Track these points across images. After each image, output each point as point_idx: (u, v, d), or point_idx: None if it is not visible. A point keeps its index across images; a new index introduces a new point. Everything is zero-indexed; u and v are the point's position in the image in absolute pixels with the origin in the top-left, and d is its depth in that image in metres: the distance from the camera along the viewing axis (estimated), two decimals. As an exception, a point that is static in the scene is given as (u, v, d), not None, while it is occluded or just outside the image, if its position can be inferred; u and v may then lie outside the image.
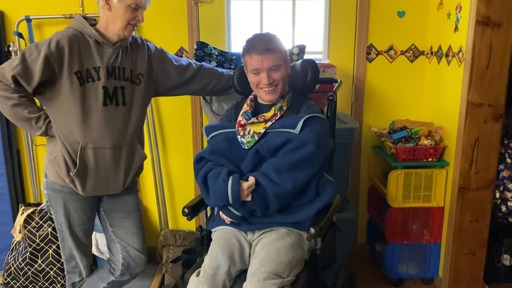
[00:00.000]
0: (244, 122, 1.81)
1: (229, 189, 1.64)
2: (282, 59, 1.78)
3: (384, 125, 2.80)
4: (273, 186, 1.65)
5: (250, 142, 1.77)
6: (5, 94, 1.74)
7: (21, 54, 1.72)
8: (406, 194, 2.52)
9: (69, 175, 1.82)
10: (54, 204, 1.93)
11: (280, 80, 1.78)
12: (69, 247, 2.01)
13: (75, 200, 1.91)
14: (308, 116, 1.73)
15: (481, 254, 2.47)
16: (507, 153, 2.43)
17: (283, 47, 1.80)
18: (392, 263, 2.61)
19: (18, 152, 2.91)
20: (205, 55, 2.41)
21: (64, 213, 1.93)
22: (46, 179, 1.92)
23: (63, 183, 1.86)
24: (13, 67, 1.69)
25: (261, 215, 1.70)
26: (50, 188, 1.90)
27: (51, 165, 1.85)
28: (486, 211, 2.41)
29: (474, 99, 2.25)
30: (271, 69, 1.75)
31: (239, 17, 2.84)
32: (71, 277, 2.10)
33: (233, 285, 1.66)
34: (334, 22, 2.75)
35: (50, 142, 1.88)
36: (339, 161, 2.09)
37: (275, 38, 1.78)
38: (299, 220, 1.71)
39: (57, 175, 1.85)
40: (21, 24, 2.69)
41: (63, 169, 1.81)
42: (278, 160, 1.68)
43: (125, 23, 1.79)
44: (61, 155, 1.82)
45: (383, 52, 2.78)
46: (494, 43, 2.19)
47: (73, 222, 1.95)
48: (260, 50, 1.73)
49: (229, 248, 1.70)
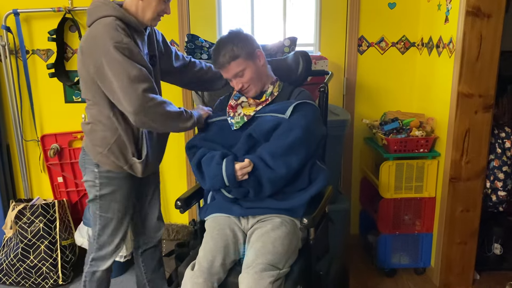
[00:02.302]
0: (234, 103, 1.85)
1: (224, 171, 1.66)
2: (243, 61, 1.77)
3: (376, 117, 2.81)
4: (268, 170, 1.67)
5: (238, 123, 1.81)
6: (157, 100, 1.68)
7: (123, 61, 1.62)
8: (398, 185, 2.54)
9: (127, 162, 1.81)
10: (109, 192, 1.88)
11: (249, 81, 1.80)
12: (116, 234, 1.95)
13: (127, 184, 1.90)
14: (299, 102, 1.76)
15: (472, 244, 2.49)
16: (497, 143, 2.45)
17: (242, 47, 1.77)
18: (385, 253, 2.63)
19: (8, 147, 2.89)
20: (196, 48, 2.40)
21: (119, 199, 1.90)
22: (98, 169, 1.84)
23: (120, 170, 1.84)
24: (138, 74, 1.64)
25: (253, 198, 1.71)
26: (105, 176, 1.85)
27: (105, 157, 1.80)
28: (477, 201, 2.43)
29: (465, 89, 2.27)
30: (237, 76, 1.79)
31: (229, 9, 2.82)
32: (99, 264, 1.99)
33: (228, 276, 1.67)
34: (325, 14, 2.75)
35: (95, 136, 1.81)
36: (331, 153, 2.10)
37: (229, 44, 1.77)
38: (292, 207, 1.72)
39: (113, 164, 1.82)
40: (9, 18, 2.66)
41: (120, 157, 1.80)
42: (273, 145, 1.70)
43: (155, 14, 1.78)
44: (117, 145, 1.79)
45: (374, 44, 2.78)
46: (484, 34, 2.20)
47: (127, 206, 1.93)
48: (219, 66, 1.80)
49: (222, 239, 1.70)
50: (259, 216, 1.75)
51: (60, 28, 2.68)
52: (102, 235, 1.94)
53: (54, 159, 2.81)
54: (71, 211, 2.83)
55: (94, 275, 1.99)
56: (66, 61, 2.78)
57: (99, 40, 1.64)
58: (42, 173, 2.92)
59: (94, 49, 1.65)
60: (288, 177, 1.70)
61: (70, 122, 2.85)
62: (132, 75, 1.62)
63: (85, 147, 1.87)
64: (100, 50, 1.63)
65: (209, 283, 1.60)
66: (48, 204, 2.64)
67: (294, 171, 1.70)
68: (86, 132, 1.85)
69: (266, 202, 1.73)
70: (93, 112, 1.80)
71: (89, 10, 1.73)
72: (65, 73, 2.78)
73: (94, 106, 1.79)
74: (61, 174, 2.84)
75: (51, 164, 2.83)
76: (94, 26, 1.68)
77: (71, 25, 2.72)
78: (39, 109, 2.85)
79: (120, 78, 1.62)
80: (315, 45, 2.83)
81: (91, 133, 1.82)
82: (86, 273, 1.99)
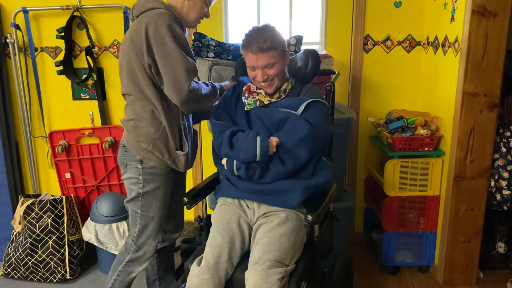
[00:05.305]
0: (253, 89, 1.89)
1: (259, 145, 1.70)
2: (278, 56, 1.79)
3: (381, 115, 2.82)
4: (280, 164, 1.74)
5: (250, 105, 1.86)
6: (197, 89, 1.76)
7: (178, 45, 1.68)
8: (402, 183, 2.55)
9: (171, 157, 1.84)
10: (152, 189, 1.88)
11: (275, 75, 1.82)
12: (156, 236, 1.95)
13: (169, 181, 1.92)
14: (311, 101, 1.80)
15: (476, 242, 2.50)
16: (502, 142, 2.45)
17: (279, 42, 1.80)
18: (389, 251, 2.65)
19: (17, 144, 2.92)
20: (203, 46, 2.41)
21: (161, 197, 1.91)
22: (141, 166, 1.85)
23: (163, 165, 1.86)
24: (187, 59, 1.71)
25: (256, 180, 1.76)
26: (149, 173, 1.86)
27: (149, 153, 1.81)
28: (481, 200, 2.44)
29: (470, 88, 2.27)
30: (266, 67, 1.79)
31: (236, 8, 2.84)
32: (136, 265, 1.97)
33: (234, 272, 1.69)
34: (331, 13, 2.76)
35: (139, 132, 1.82)
36: (336, 151, 2.11)
37: (271, 34, 1.79)
38: (288, 189, 1.75)
39: (158, 160, 1.84)
40: (18, 16, 2.69)
41: (165, 152, 1.82)
42: (282, 137, 1.75)
43: (199, 16, 1.83)
44: (161, 140, 1.81)
45: (379, 42, 2.79)
46: (490, 33, 2.21)
47: (166, 204, 1.95)
48: (254, 50, 1.77)
49: (229, 233, 1.72)
50: (265, 208, 1.78)
51: (68, 26, 2.71)
52: (141, 236, 1.92)
53: (62, 156, 2.84)
54: (79, 207, 2.86)
55: (128, 276, 1.97)
56: (74, 58, 2.81)
57: (151, 26, 1.66)
58: (50, 169, 2.95)
59: (149, 34, 1.67)
60: (293, 171, 1.75)
61: (78, 119, 2.88)
62: (184, 67, 1.68)
63: (127, 144, 1.86)
64: (155, 36, 1.66)
65: (216, 279, 1.62)
66: (56, 200, 2.67)
67: (299, 166, 1.75)
68: (128, 129, 1.86)
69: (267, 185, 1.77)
70: (136, 108, 1.81)
71: (138, 2, 1.78)
72: (73, 71, 2.81)
73: (137, 102, 1.80)
74: (69, 170, 2.87)
75: (59, 161, 2.86)
76: (146, 15, 1.71)
77: (79, 23, 2.74)
78: (47, 106, 2.88)
79: (172, 68, 1.68)
80: (321, 43, 2.84)
81: (134, 129, 1.83)
82: (119, 272, 1.96)
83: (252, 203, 1.82)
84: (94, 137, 2.86)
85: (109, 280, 1.98)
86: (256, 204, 1.80)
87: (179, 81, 1.68)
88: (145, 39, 1.67)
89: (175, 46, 1.67)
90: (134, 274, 1.98)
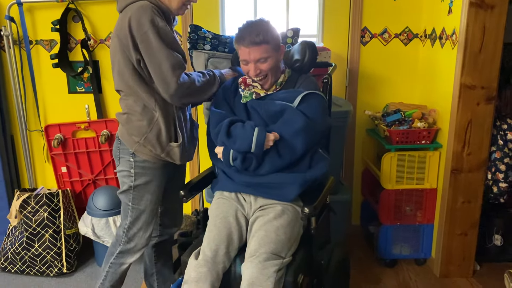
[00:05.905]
0: (249, 82, 1.87)
1: (255, 136, 1.69)
2: (271, 50, 1.77)
3: (378, 108, 2.82)
4: (276, 156, 1.73)
5: (247, 98, 1.85)
6: (189, 81, 1.75)
7: (161, 41, 1.67)
8: (399, 176, 2.55)
9: (164, 149, 1.82)
10: (143, 182, 1.88)
11: (268, 71, 1.80)
12: (147, 228, 1.94)
13: (161, 176, 1.91)
14: (307, 93, 1.78)
15: (473, 235, 2.51)
16: (499, 134, 2.46)
17: (273, 36, 1.78)
18: (386, 244, 2.65)
19: (12, 138, 2.90)
20: (199, 38, 2.39)
21: (153, 190, 1.90)
22: (133, 159, 1.85)
23: (156, 160, 1.85)
24: (174, 62, 1.70)
25: (252, 171, 1.76)
26: (141, 166, 1.85)
27: (142, 146, 1.81)
28: (478, 192, 2.44)
29: (467, 81, 2.27)
30: (259, 61, 1.77)
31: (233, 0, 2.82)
32: (126, 257, 1.97)
33: (231, 265, 1.69)
34: (328, 5, 2.74)
35: (131, 126, 1.82)
36: (334, 144, 2.10)
37: (265, 28, 1.76)
38: (284, 182, 1.75)
39: (150, 153, 1.83)
40: (12, 8, 2.66)
41: (157, 145, 1.81)
42: (278, 129, 1.74)
43: (180, 4, 1.79)
44: (153, 133, 1.80)
45: (377, 35, 2.78)
46: (487, 26, 2.20)
47: (159, 198, 1.93)
48: (247, 43, 1.75)
49: (226, 227, 1.72)
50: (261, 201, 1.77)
51: (64, 19, 2.68)
52: (132, 228, 1.92)
53: (58, 149, 2.82)
54: (75, 200, 2.86)
55: (120, 268, 1.97)
56: (70, 51, 2.79)
57: (134, 21, 1.65)
58: (46, 163, 2.94)
59: (133, 30, 1.65)
60: (290, 163, 1.75)
61: (74, 113, 2.87)
62: (169, 63, 1.66)
63: (120, 137, 1.87)
64: (139, 31, 1.65)
65: (214, 272, 1.62)
66: (52, 194, 2.66)
67: (295, 159, 1.75)
68: (122, 122, 1.86)
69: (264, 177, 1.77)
70: (128, 102, 1.81)
71: None
72: (69, 64, 2.79)
73: (129, 97, 1.80)
74: (65, 164, 2.86)
75: (55, 154, 2.85)
76: (129, 9, 1.69)
77: (74, 16, 2.72)
78: (42, 99, 2.86)
79: (157, 65, 1.67)
80: (318, 36, 2.83)
81: (127, 122, 1.83)
82: (111, 263, 1.96)
83: (248, 196, 1.81)
84: (90, 131, 2.84)
85: (102, 272, 1.99)
86: (253, 197, 1.80)
87: (165, 77, 1.68)
88: (130, 35, 1.66)
89: (158, 42, 1.65)
90: (125, 266, 1.98)
